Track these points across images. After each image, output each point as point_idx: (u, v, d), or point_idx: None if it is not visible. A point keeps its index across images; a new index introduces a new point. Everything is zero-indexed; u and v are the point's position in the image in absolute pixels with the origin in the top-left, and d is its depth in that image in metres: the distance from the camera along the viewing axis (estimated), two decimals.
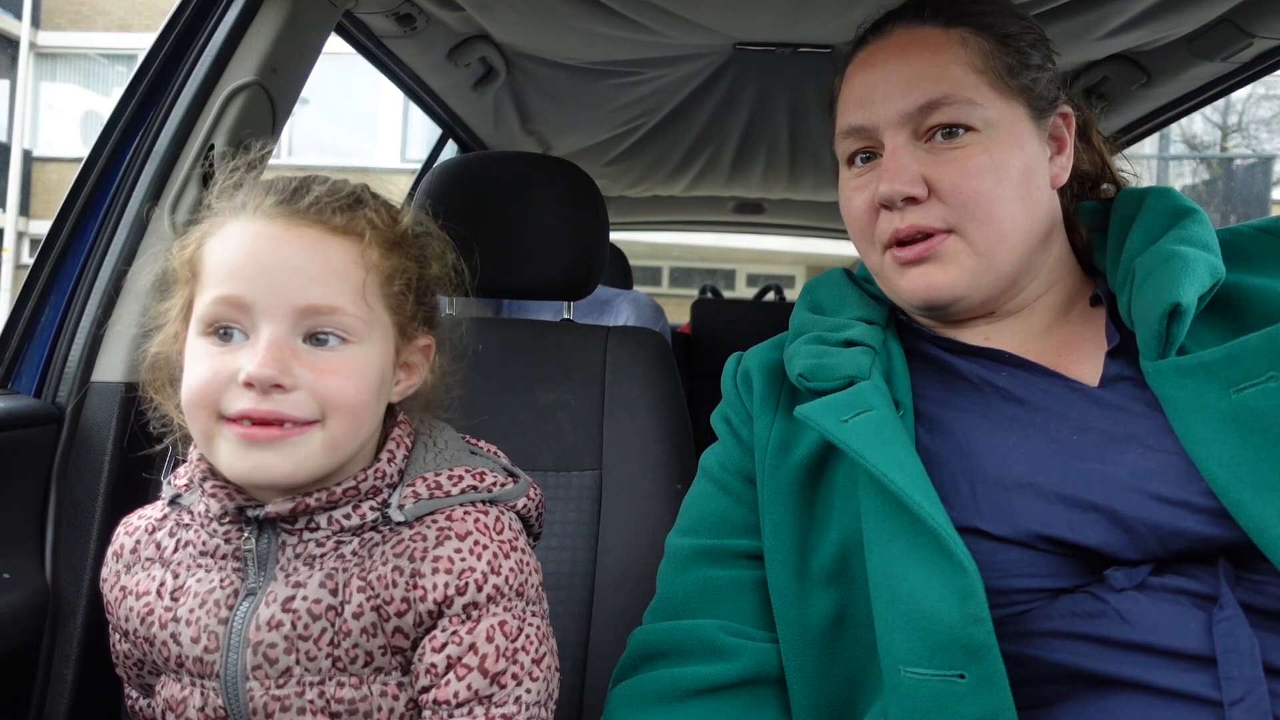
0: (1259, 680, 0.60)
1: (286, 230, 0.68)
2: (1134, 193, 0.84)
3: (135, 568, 0.76)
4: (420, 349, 0.78)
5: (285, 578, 0.71)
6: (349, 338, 0.69)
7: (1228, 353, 0.68)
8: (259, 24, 1.17)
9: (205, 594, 0.72)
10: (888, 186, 0.78)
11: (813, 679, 0.76)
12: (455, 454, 0.78)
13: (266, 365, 0.65)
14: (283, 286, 0.66)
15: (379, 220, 0.72)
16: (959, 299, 0.80)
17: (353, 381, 0.69)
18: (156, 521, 0.78)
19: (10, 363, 1.07)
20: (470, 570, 0.70)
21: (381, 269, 0.71)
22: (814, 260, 7.93)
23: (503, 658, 0.69)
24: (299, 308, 0.67)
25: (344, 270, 0.69)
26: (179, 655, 0.71)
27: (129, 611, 0.75)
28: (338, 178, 0.73)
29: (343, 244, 0.69)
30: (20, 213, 13.52)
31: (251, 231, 0.68)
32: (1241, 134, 12.69)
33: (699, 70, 1.84)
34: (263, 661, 0.69)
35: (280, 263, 0.67)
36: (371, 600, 0.70)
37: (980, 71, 0.78)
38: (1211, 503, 0.64)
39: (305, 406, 0.67)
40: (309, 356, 0.67)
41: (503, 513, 0.76)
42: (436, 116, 2.12)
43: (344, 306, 0.68)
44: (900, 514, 0.69)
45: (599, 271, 1.35)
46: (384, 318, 0.72)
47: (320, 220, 0.68)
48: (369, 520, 0.72)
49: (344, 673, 0.70)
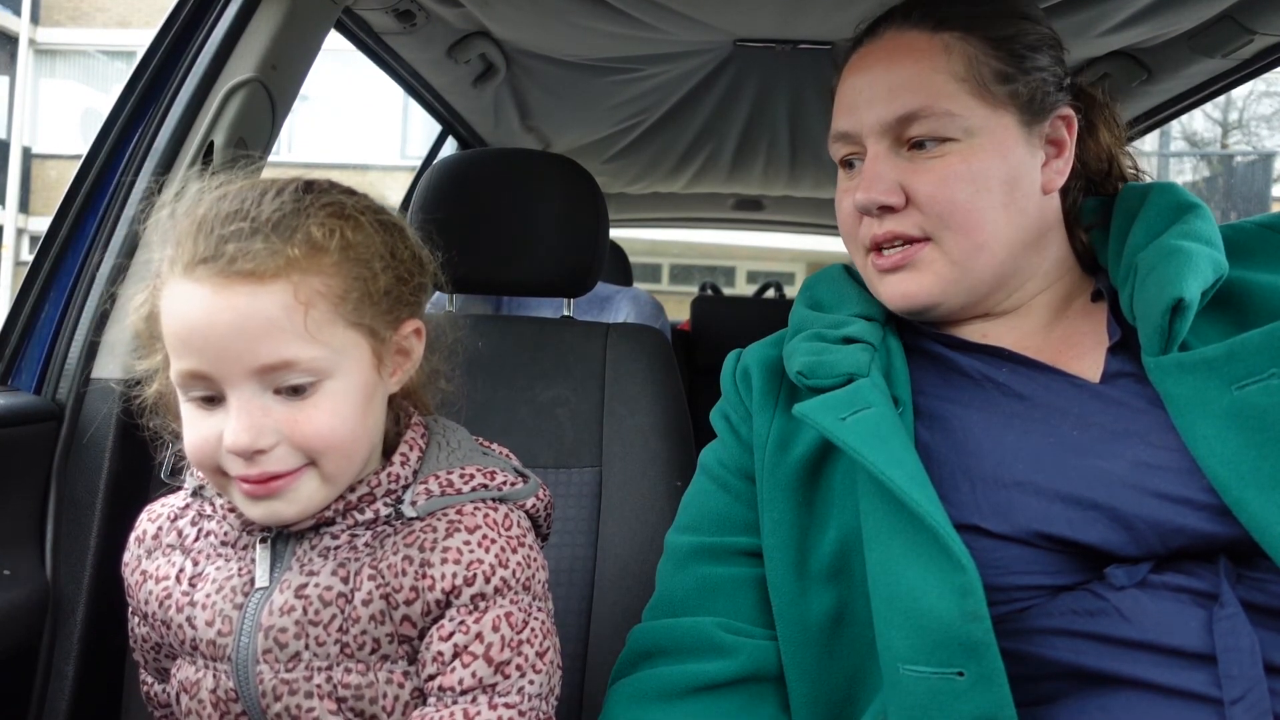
0: (1259, 679, 0.60)
1: (215, 294, 0.65)
2: (1137, 188, 0.84)
3: (156, 553, 0.78)
4: (407, 336, 0.76)
5: (300, 568, 0.73)
6: (318, 377, 0.68)
7: (1229, 349, 0.67)
8: (259, 20, 1.17)
9: (223, 581, 0.74)
10: (863, 195, 0.79)
11: (812, 676, 0.76)
12: (468, 454, 0.80)
13: (240, 437, 0.65)
14: (231, 355, 0.65)
15: (303, 254, 0.67)
16: (935, 305, 0.80)
17: (333, 419, 0.68)
18: (179, 509, 0.80)
19: (10, 360, 1.07)
20: (478, 562, 0.72)
21: (328, 294, 0.68)
22: (814, 257, 7.92)
23: (508, 648, 0.71)
24: (254, 370, 0.65)
25: (285, 319, 0.66)
26: (194, 638, 0.73)
27: (148, 595, 0.77)
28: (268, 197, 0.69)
29: (275, 291, 0.65)
30: (20, 210, 13.52)
31: (186, 299, 0.66)
32: (1242, 131, 12.67)
33: (699, 67, 1.84)
34: (273, 645, 0.71)
35: (219, 333, 0.65)
36: (381, 588, 0.71)
37: (962, 80, 0.78)
38: (1212, 500, 0.64)
39: (288, 459, 0.67)
40: (283, 409, 0.67)
41: (512, 510, 0.77)
42: (436, 113, 2.12)
43: (296, 355, 0.66)
44: (899, 511, 0.69)
45: (599, 269, 1.35)
46: (349, 337, 0.70)
47: (246, 275, 0.65)
48: (382, 515, 0.74)
49: (351, 659, 0.71)
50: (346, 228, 0.70)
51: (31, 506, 1.00)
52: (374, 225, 0.73)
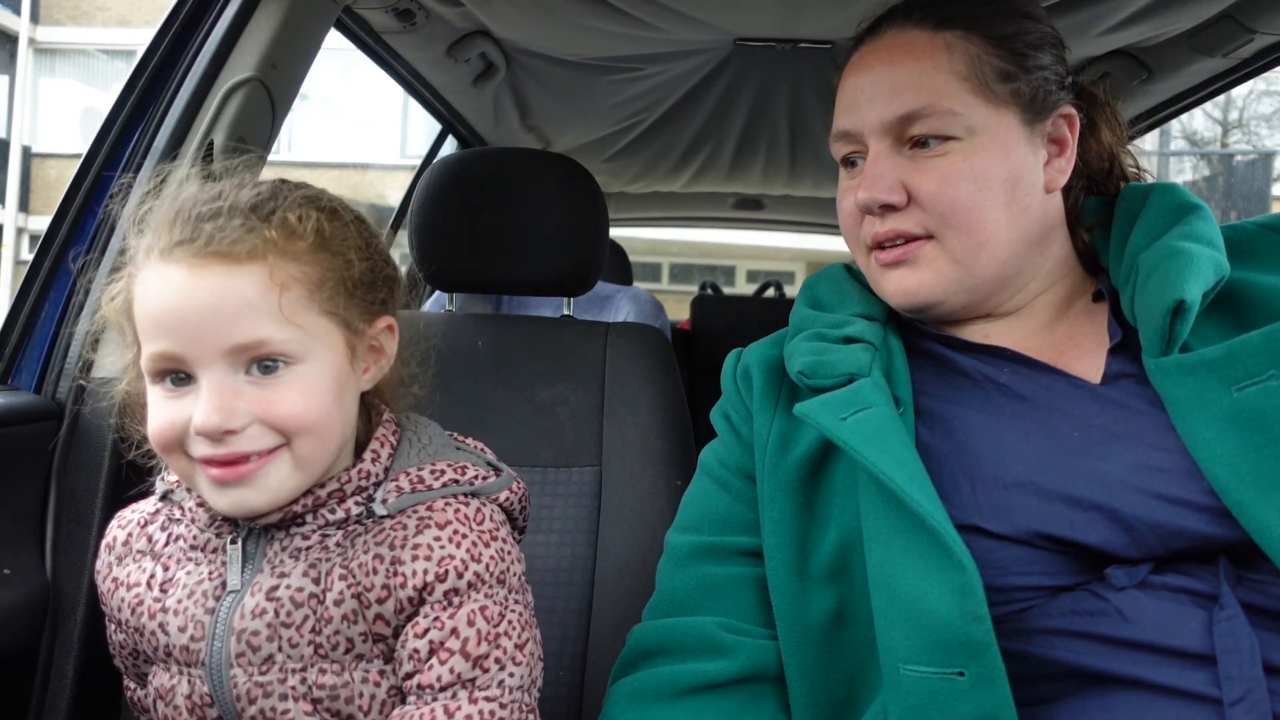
0: (1259, 680, 0.60)
1: (191, 275, 0.66)
2: (1138, 189, 0.83)
3: (127, 560, 0.78)
4: (382, 330, 0.77)
5: (271, 570, 0.73)
6: (290, 359, 0.68)
7: (1229, 351, 0.67)
8: (258, 19, 1.16)
9: (194, 585, 0.73)
10: (865, 194, 0.79)
11: (812, 676, 0.76)
12: (439, 449, 0.79)
13: (211, 416, 0.65)
14: (205, 333, 0.66)
15: (280, 236, 0.68)
16: (937, 303, 0.80)
17: (305, 400, 0.68)
18: (149, 515, 0.79)
19: (10, 359, 1.07)
20: (450, 558, 0.71)
21: (303, 280, 0.69)
22: (814, 256, 7.92)
23: (485, 641, 0.70)
24: (226, 349, 0.66)
25: (260, 299, 0.67)
26: (167, 645, 0.73)
27: (120, 602, 0.77)
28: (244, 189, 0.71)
29: (251, 272, 0.67)
30: (20, 209, 13.51)
31: (162, 281, 0.67)
32: (1242, 130, 12.66)
33: (699, 66, 1.84)
34: (246, 649, 0.71)
35: (194, 311, 0.66)
36: (352, 587, 0.71)
37: (964, 78, 0.78)
38: (1212, 501, 0.64)
39: (262, 439, 0.67)
40: (255, 389, 0.67)
41: (484, 505, 0.77)
42: (436, 112, 2.12)
43: (269, 336, 0.67)
44: (899, 512, 0.68)
45: (599, 268, 1.35)
46: (321, 325, 0.70)
47: (222, 254, 0.66)
48: (354, 515, 0.74)
49: (325, 659, 0.71)
50: (323, 217, 0.72)
51: (31, 506, 1.00)
52: (350, 218, 0.75)
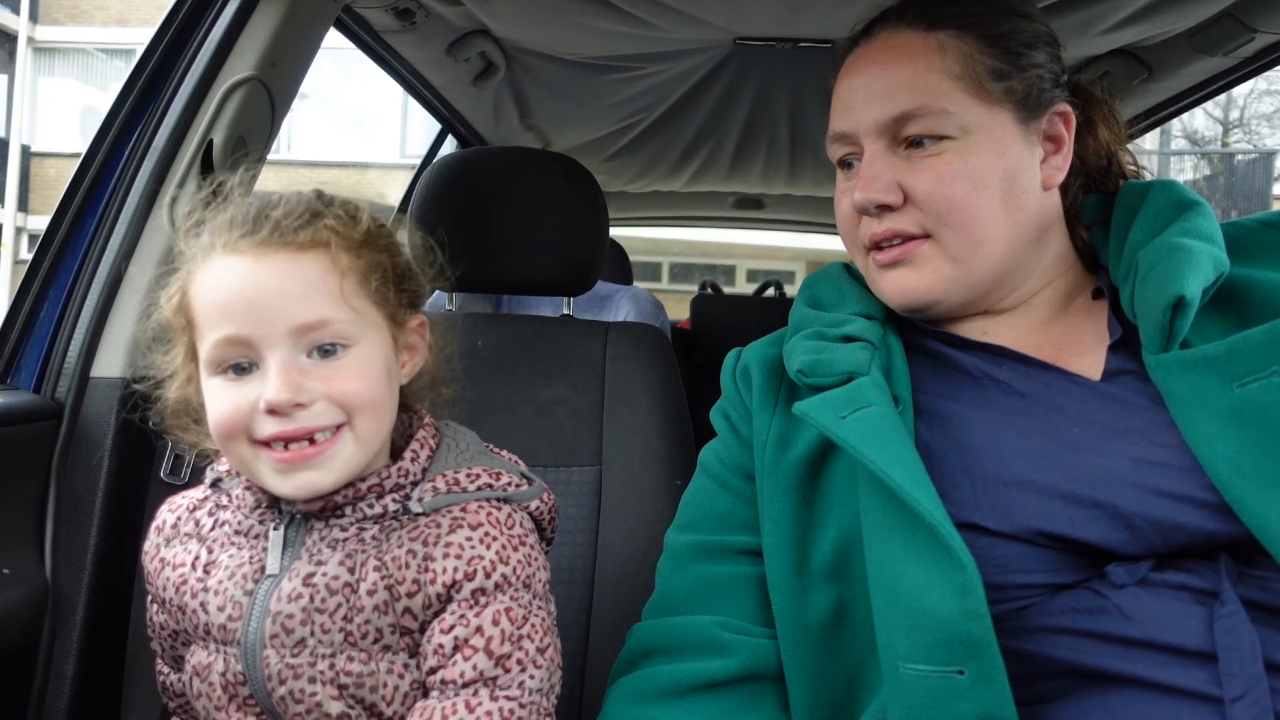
0: (1260, 677, 0.60)
1: (258, 261, 0.71)
2: (1137, 186, 0.83)
3: (174, 542, 0.82)
4: (415, 329, 0.82)
5: (309, 557, 0.76)
6: (348, 342, 0.73)
7: (1230, 347, 0.67)
8: (258, 18, 1.16)
9: (235, 568, 0.77)
10: (861, 195, 0.79)
11: (812, 675, 0.76)
12: (475, 455, 0.83)
13: (282, 391, 0.69)
14: (272, 314, 0.70)
15: (339, 226, 0.74)
16: (936, 302, 0.80)
17: (363, 379, 0.73)
18: (198, 501, 0.84)
19: (10, 358, 1.07)
20: (479, 558, 0.74)
21: (356, 269, 0.75)
22: (814, 256, 7.91)
23: (508, 641, 0.72)
24: (292, 329, 0.71)
25: (321, 282, 0.72)
26: (206, 623, 0.77)
27: (165, 581, 0.80)
28: (291, 191, 0.77)
29: (312, 258, 0.73)
30: (19, 208, 13.51)
31: (227, 270, 0.72)
32: (1243, 129, 12.66)
33: (699, 65, 1.84)
34: (280, 631, 0.74)
35: (262, 293, 0.70)
36: (385, 579, 0.74)
37: (958, 78, 0.78)
38: (1213, 498, 0.64)
39: (328, 414, 0.72)
40: (318, 369, 0.72)
41: (515, 511, 0.80)
42: (436, 112, 2.12)
43: (332, 316, 0.72)
44: (899, 510, 0.68)
45: (599, 267, 1.35)
46: (372, 313, 0.76)
47: (285, 242, 0.72)
48: (390, 511, 0.77)
49: (354, 647, 0.74)
50: (365, 215, 0.78)
51: (31, 505, 1.00)
52: (385, 221, 0.80)
